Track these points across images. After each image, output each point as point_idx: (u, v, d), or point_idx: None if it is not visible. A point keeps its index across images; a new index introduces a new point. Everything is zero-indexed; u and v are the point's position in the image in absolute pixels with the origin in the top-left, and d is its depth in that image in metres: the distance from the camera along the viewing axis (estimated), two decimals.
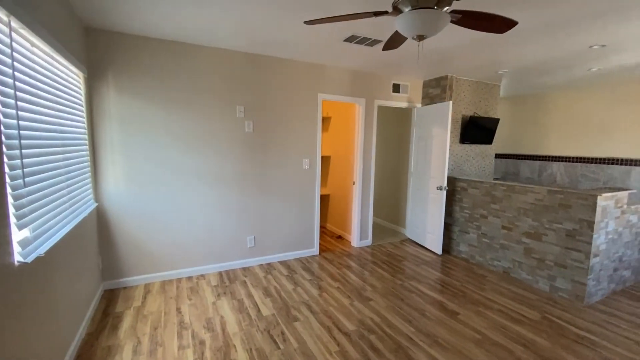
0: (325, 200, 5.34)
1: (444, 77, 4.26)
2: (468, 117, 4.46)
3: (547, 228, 3.13)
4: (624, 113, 4.44)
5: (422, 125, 4.46)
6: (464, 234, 4.03)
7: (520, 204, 3.36)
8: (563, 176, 5.15)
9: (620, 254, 3.14)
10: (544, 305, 2.89)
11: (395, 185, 5.30)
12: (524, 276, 3.36)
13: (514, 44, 2.94)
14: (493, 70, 3.96)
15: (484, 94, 4.64)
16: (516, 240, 3.42)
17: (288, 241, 3.89)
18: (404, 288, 3.19)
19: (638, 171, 4.31)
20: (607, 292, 3.10)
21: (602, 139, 4.68)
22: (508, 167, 5.99)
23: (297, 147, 3.78)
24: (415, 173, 4.62)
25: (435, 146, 4.17)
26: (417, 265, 3.81)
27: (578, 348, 2.28)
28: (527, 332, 2.47)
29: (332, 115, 5.03)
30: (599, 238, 2.86)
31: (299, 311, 2.71)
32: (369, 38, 2.82)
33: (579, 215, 2.89)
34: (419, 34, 1.59)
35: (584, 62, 3.47)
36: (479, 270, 3.69)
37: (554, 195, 3.07)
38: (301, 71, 3.68)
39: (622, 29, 2.53)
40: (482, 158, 4.79)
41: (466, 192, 3.97)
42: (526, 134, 5.69)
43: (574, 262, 2.94)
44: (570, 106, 5.04)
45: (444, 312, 2.75)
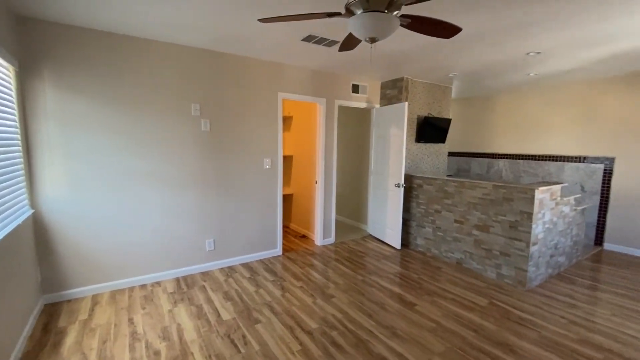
0: (289, 199, 5.32)
1: (400, 79, 4.43)
2: (423, 117, 4.68)
3: (494, 220, 3.39)
4: (557, 114, 4.92)
5: (380, 125, 4.60)
6: (420, 228, 4.23)
7: (470, 198, 3.60)
8: (508, 172, 5.60)
9: (556, 241, 3.48)
10: (492, 292, 3.12)
11: (356, 183, 5.42)
12: (475, 266, 3.61)
13: (462, 49, 3.14)
14: (444, 73, 4.19)
15: (437, 96, 4.90)
16: (467, 233, 3.66)
17: (250, 243, 3.82)
18: (365, 283, 3.27)
19: (570, 166, 4.80)
20: (545, 277, 3.42)
21: (539, 137, 5.15)
22: (460, 164, 6.38)
23: (258, 146, 3.72)
24: (375, 171, 4.76)
25: (393, 145, 4.32)
26: (378, 260, 3.93)
27: (520, 329, 2.49)
28: (477, 318, 2.65)
29: (293, 115, 5.02)
30: (537, 228, 3.15)
31: (261, 313, 2.68)
32: (327, 38, 2.85)
33: (520, 208, 3.16)
34: (370, 37, 1.63)
35: (522, 67, 3.79)
36: (434, 262, 3.89)
37: (498, 190, 3.33)
38: (260, 69, 3.63)
39: (553, 38, 2.80)
40: (437, 156, 5.06)
41: (422, 189, 4.17)
42: (475, 133, 6.09)
43: (516, 251, 3.21)
44: (512, 108, 5.49)
45: (402, 304, 2.86)
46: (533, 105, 5.21)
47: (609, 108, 4.38)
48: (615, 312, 2.76)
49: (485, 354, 2.19)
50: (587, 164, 4.62)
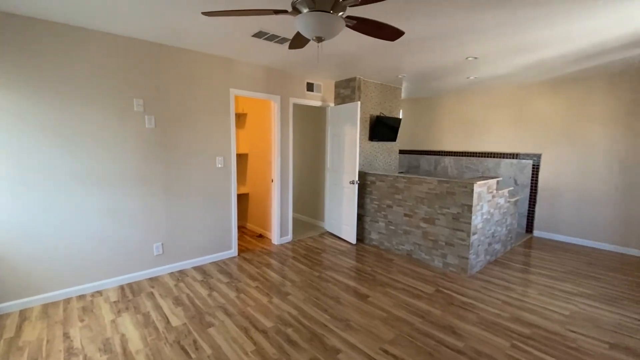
0: (244, 199, 5.21)
1: (353, 79, 4.55)
2: (375, 116, 4.85)
3: (439, 213, 3.63)
4: (494, 115, 5.39)
5: (335, 123, 4.68)
6: (374, 223, 4.39)
7: (418, 193, 3.81)
8: (453, 168, 6.02)
9: (493, 230, 3.83)
10: (438, 280, 3.34)
11: (313, 181, 5.46)
12: (423, 256, 3.83)
13: (408, 52, 3.30)
14: (394, 75, 4.39)
15: (388, 96, 5.10)
16: (416, 226, 3.87)
17: (203, 245, 3.68)
18: (321, 279, 3.32)
19: (505, 162, 5.29)
20: (484, 263, 3.74)
21: (480, 136, 5.61)
22: (411, 161, 6.72)
23: (209, 144, 3.59)
24: (331, 169, 4.84)
25: (347, 143, 4.43)
26: (334, 255, 4.01)
27: (462, 312, 2.70)
28: (425, 305, 2.82)
29: (247, 112, 4.92)
30: (476, 219, 3.43)
31: (213, 316, 2.60)
32: (278, 35, 2.84)
33: (461, 201, 3.42)
34: (317, 36, 1.66)
35: (462, 71, 4.10)
36: (387, 255, 4.07)
37: (442, 185, 3.57)
38: (210, 64, 3.50)
39: (488, 45, 3.06)
40: (389, 154, 5.28)
41: (375, 185, 4.33)
42: (424, 132, 6.46)
43: (459, 241, 3.47)
44: (456, 108, 5.90)
45: (356, 296, 2.95)
46: (473, 107, 5.65)
47: (536, 110, 4.90)
48: (541, 292, 3.10)
49: (431, 337, 2.35)
50: (519, 160, 5.12)
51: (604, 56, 3.36)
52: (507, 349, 2.22)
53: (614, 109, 4.21)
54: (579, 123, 4.51)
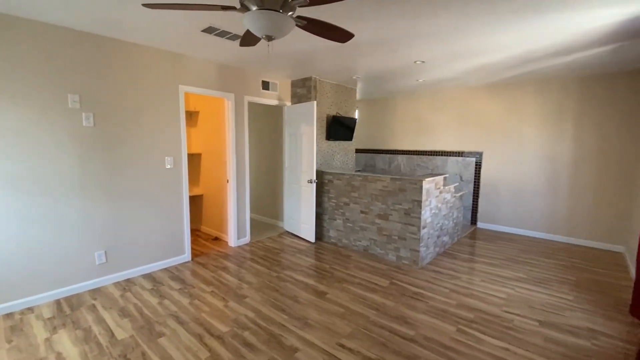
0: (199, 201, 5.00)
1: (309, 79, 4.57)
2: (332, 116, 4.92)
3: (392, 209, 3.79)
4: (442, 116, 5.75)
5: (292, 123, 4.68)
6: (332, 220, 4.46)
7: (373, 190, 3.95)
8: (405, 166, 6.32)
9: (441, 224, 4.08)
10: (392, 273, 3.49)
11: (271, 180, 5.41)
12: (378, 251, 3.98)
13: (361, 54, 3.40)
14: (349, 75, 4.49)
15: (344, 96, 5.21)
16: (371, 222, 4.01)
17: (152, 251, 3.47)
18: (280, 279, 3.30)
19: (452, 160, 5.67)
20: (434, 255, 3.98)
21: (429, 136, 5.95)
22: (367, 160, 6.93)
23: (157, 143, 3.39)
24: (289, 168, 4.83)
25: (304, 143, 4.45)
26: (293, 255, 4.01)
27: (414, 302, 2.85)
28: (379, 297, 2.93)
29: (200, 110, 4.73)
30: (426, 213, 3.64)
31: (164, 325, 2.47)
32: (229, 32, 2.76)
33: (412, 197, 3.60)
34: (266, 34, 1.64)
35: (412, 74, 4.31)
36: (345, 251, 4.16)
37: (395, 182, 3.73)
38: (157, 59, 3.30)
39: (433, 50, 3.25)
40: (345, 153, 5.39)
41: (332, 184, 4.40)
42: (379, 131, 6.70)
43: (410, 235, 3.66)
44: (408, 109, 6.20)
45: (314, 294, 2.98)
46: (423, 108, 5.97)
47: (478, 111, 5.32)
48: (483, 279, 3.38)
49: (385, 328, 2.45)
50: (464, 158, 5.52)
51: (533, 64, 3.74)
52: (453, 334, 2.39)
53: (542, 111, 4.71)
54: (514, 124, 4.98)
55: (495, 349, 2.21)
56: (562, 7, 2.20)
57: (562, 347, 2.23)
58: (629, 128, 4.10)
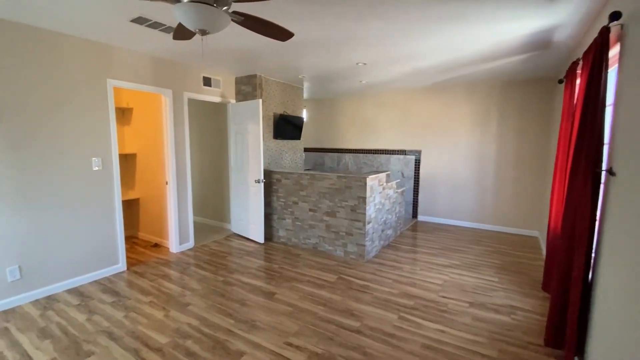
0: (135, 205, 4.62)
1: (254, 76, 4.48)
2: (279, 115, 4.88)
3: (339, 206, 3.88)
4: (385, 115, 6.04)
5: (237, 121, 4.54)
6: (281, 220, 4.44)
7: (320, 189, 4.01)
8: (353, 164, 6.52)
9: (385, 218, 4.29)
10: (340, 268, 3.58)
11: (217, 181, 5.20)
12: (327, 248, 4.05)
13: (305, 54, 3.42)
14: (295, 74, 4.49)
15: (291, 95, 5.20)
16: (319, 220, 4.07)
17: (78, 263, 3.12)
18: (226, 283, 3.19)
19: (394, 158, 5.99)
20: (379, 248, 4.17)
21: (374, 135, 6.21)
22: (317, 159, 7.02)
23: (81, 143, 3.05)
24: (235, 168, 4.68)
25: (251, 141, 4.35)
26: (241, 257, 3.90)
27: (360, 295, 2.96)
28: (327, 293, 2.99)
29: (134, 106, 4.36)
30: (370, 209, 3.80)
31: (94, 343, 2.24)
32: (162, 24, 2.59)
33: (357, 194, 3.73)
34: (199, 28, 1.57)
35: (355, 75, 4.46)
36: (294, 250, 4.16)
37: (341, 180, 3.83)
38: (80, 50, 2.97)
39: (373, 53, 3.39)
40: (294, 152, 5.39)
41: (281, 183, 4.37)
42: (327, 131, 6.82)
43: (357, 230, 3.79)
44: (353, 109, 6.40)
45: (262, 295, 2.94)
46: (368, 108, 6.21)
47: (417, 112, 5.68)
48: (423, 267, 3.62)
49: (332, 323, 2.50)
50: (405, 156, 5.87)
51: (462, 69, 4.10)
52: (395, 321, 2.53)
53: (472, 112, 5.19)
54: (448, 124, 5.41)
55: (432, 332, 2.39)
56: (483, 17, 2.44)
57: (487, 324, 2.49)
58: (540, 128, 4.70)
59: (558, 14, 2.35)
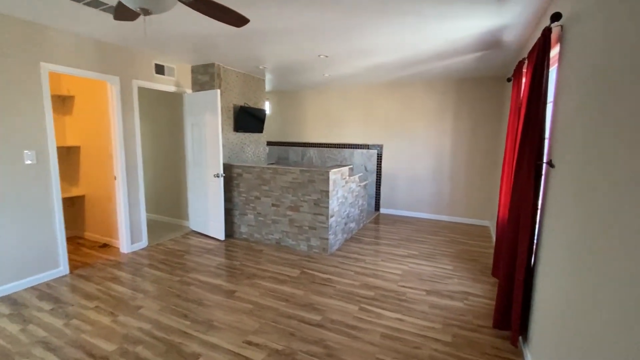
0: (79, 203, 4.23)
1: (211, 65, 4.27)
2: (239, 106, 4.70)
3: (302, 200, 3.85)
4: (348, 110, 6.07)
5: (194, 112, 4.31)
6: (243, 216, 4.31)
7: (283, 183, 3.94)
8: (317, 158, 6.50)
9: (348, 211, 4.33)
10: (303, 262, 3.56)
11: (173, 176, 4.92)
12: (290, 242, 4.01)
13: (264, 43, 3.30)
14: (255, 65, 4.34)
15: (252, 86, 5.04)
16: (283, 214, 4.00)
17: (9, 268, 2.79)
18: (183, 283, 3.04)
19: (358, 152, 6.06)
20: (342, 241, 4.20)
21: (338, 129, 6.23)
22: (281, 152, 6.90)
23: (8, 134, 2.71)
24: (193, 162, 4.45)
25: (209, 134, 4.15)
26: (199, 255, 3.73)
27: (322, 289, 2.95)
28: (290, 288, 2.95)
29: (76, 94, 3.96)
30: (333, 203, 3.80)
31: (28, 356, 2.01)
32: (103, 2, 2.34)
33: (320, 188, 3.71)
34: (141, 7, 1.43)
35: (318, 68, 4.41)
36: (257, 246, 4.07)
37: (304, 174, 3.79)
38: (7, 29, 2.61)
39: (334, 46, 3.36)
40: (256, 145, 5.25)
41: (242, 177, 4.23)
42: (291, 124, 6.72)
43: (320, 224, 3.78)
44: (317, 103, 6.36)
45: (221, 294, 2.83)
46: (332, 102, 6.21)
47: (379, 107, 5.78)
48: (384, 258, 3.71)
49: (294, 318, 2.47)
50: (368, 150, 5.96)
51: (421, 65, 4.21)
52: (356, 312, 2.56)
53: (429, 107, 5.38)
54: (408, 119, 5.56)
55: (391, 321, 2.44)
56: (438, 14, 2.50)
57: (443, 311, 2.60)
58: (491, 124, 4.99)
59: (507, 14, 2.47)
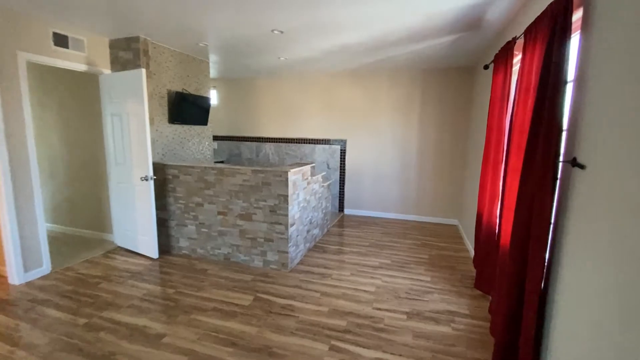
0: None
1: (136, 39, 3.38)
2: (176, 93, 3.85)
3: (256, 207, 3.18)
4: (308, 101, 5.46)
5: (114, 98, 3.40)
6: (182, 227, 3.52)
7: (231, 186, 3.23)
8: (274, 155, 5.82)
9: (311, 217, 3.75)
10: (258, 284, 2.91)
11: (92, 179, 3.94)
12: (242, 258, 3.33)
13: (201, 9, 2.55)
14: (195, 41, 3.54)
15: (193, 70, 4.20)
16: (232, 224, 3.30)
17: None
18: (90, 328, 2.23)
19: (319, 148, 5.49)
20: (304, 251, 3.61)
21: (297, 122, 5.59)
22: (232, 149, 6.10)
23: None
24: (115, 161, 3.55)
25: (134, 126, 3.29)
26: (121, 283, 2.90)
27: (282, 321, 2.34)
28: (239, 324, 2.30)
29: None
30: (294, 209, 3.19)
31: None
32: None
33: (277, 191, 3.07)
34: None
35: (271, 48, 3.73)
36: (200, 264, 3.32)
37: (257, 175, 3.12)
38: None
39: (292, 19, 2.72)
40: (200, 140, 4.43)
41: (179, 180, 3.44)
42: (244, 116, 5.94)
43: (278, 235, 3.15)
44: (274, 92, 5.66)
45: (144, 341, 2.09)
46: (290, 92, 5.54)
47: (341, 98, 5.24)
48: (353, 271, 3.19)
49: None
50: (330, 146, 5.41)
51: (389, 49, 3.72)
52: (326, 354, 2.00)
53: (395, 100, 4.96)
54: (373, 112, 5.10)
55: None
56: None
57: (429, 341, 2.14)
58: (458, 118, 4.71)
59: None
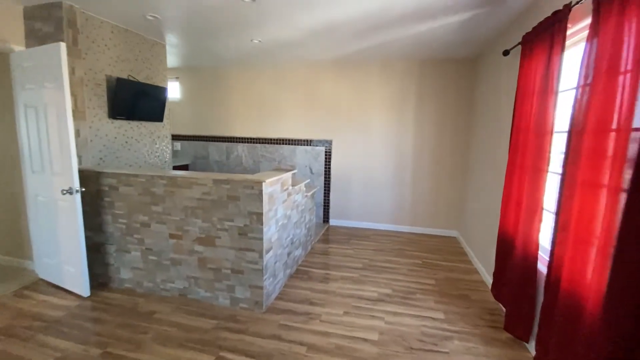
0: None
1: (57, 5, 2.53)
2: (117, 79, 3.02)
3: (220, 229, 2.42)
4: (286, 96, 4.73)
5: (28, 83, 2.54)
6: (123, 253, 2.70)
7: (187, 201, 2.46)
8: (248, 157, 5.04)
9: (292, 236, 3.03)
10: (221, 333, 2.16)
11: (7, 189, 3.03)
12: (203, 294, 2.56)
13: None
14: (140, 12, 2.74)
15: (144, 53, 3.37)
16: (188, 251, 2.52)
17: None
18: None
19: (300, 149, 4.77)
20: (284, 280, 2.89)
21: (274, 120, 4.85)
22: (198, 150, 5.25)
23: None
24: (32, 168, 2.67)
25: (53, 122, 2.44)
26: (28, 338, 2.06)
27: None
28: None
29: None
30: (270, 230, 2.46)
31: None
32: None
33: (248, 208, 2.33)
34: None
35: (243, 25, 2.98)
36: (146, 304, 2.52)
37: (220, 186, 2.36)
38: None
39: None
40: (154, 140, 3.60)
41: (118, 193, 2.61)
42: (212, 113, 5.12)
43: (249, 265, 2.41)
44: (247, 86, 4.88)
45: None
46: (265, 85, 4.79)
47: (324, 92, 4.55)
48: (347, 309, 2.51)
49: None
50: (312, 147, 4.72)
51: (385, 31, 3.09)
52: None
53: (387, 95, 4.34)
54: (362, 109, 4.46)
55: None
56: None
57: None
58: (460, 117, 4.15)
59: None
